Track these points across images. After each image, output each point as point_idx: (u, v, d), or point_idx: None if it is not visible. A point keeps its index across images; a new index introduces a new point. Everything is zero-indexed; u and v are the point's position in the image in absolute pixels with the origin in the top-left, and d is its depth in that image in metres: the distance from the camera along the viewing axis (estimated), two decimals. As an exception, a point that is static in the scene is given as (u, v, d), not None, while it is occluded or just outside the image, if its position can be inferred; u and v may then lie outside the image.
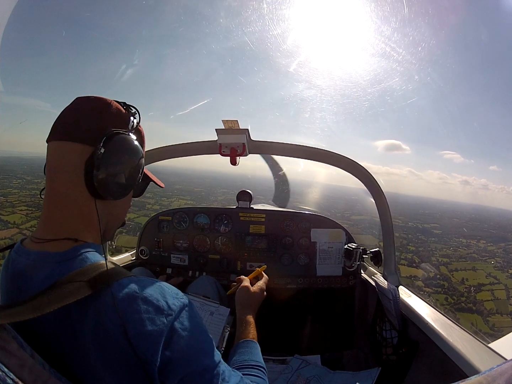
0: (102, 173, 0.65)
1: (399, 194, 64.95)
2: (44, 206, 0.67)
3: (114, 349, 0.56)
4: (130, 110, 0.74)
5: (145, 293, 0.59)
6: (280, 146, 1.62)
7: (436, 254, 23.10)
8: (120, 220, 0.80)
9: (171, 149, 1.71)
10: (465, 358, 0.96)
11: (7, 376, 0.41)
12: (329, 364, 1.51)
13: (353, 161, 1.60)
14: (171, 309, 0.60)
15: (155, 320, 0.57)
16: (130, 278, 0.61)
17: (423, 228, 28.81)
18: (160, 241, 1.93)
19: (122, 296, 0.57)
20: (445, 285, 18.50)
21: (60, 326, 0.58)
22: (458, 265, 22.03)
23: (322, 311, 1.97)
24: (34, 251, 0.64)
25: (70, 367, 0.57)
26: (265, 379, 0.81)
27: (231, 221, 1.93)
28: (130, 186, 0.73)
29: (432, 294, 16.95)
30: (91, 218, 0.68)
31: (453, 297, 17.56)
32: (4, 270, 0.69)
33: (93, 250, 0.66)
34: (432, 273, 19.17)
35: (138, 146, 0.72)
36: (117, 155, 0.67)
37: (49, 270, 0.60)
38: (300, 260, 1.90)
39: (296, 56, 57.25)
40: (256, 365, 0.83)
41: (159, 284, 0.64)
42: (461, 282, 19.72)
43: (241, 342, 0.92)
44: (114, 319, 0.55)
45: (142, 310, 0.57)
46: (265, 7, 18.44)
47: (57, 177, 0.66)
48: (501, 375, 0.39)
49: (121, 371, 0.57)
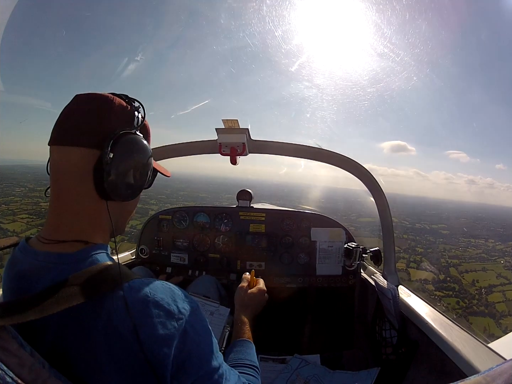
0: (112, 177, 0.63)
1: (405, 195, 64.40)
2: (50, 208, 0.66)
3: (125, 352, 0.55)
4: (133, 104, 0.71)
5: (156, 297, 0.59)
6: (280, 145, 1.62)
7: (445, 255, 22.86)
8: (130, 216, 0.80)
9: (171, 148, 1.72)
10: (465, 358, 0.96)
11: (6, 375, 0.41)
12: (329, 364, 1.51)
13: (353, 161, 1.60)
14: (181, 313, 0.60)
15: (167, 324, 0.57)
16: (140, 280, 0.61)
17: (431, 229, 28.55)
18: (160, 240, 1.93)
19: (133, 299, 0.57)
20: (456, 287, 18.28)
21: (69, 327, 0.57)
22: (468, 266, 21.77)
23: (322, 311, 1.96)
24: (42, 252, 0.62)
25: (74, 368, 0.56)
26: (258, 378, 0.83)
27: (231, 220, 1.93)
28: (141, 186, 0.72)
29: (444, 298, 16.75)
30: (101, 220, 0.67)
31: (464, 301, 17.32)
32: (8, 268, 0.67)
33: (103, 252, 0.66)
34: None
35: (146, 145, 0.70)
36: (126, 158, 0.65)
37: (58, 272, 0.59)
38: (300, 259, 1.90)
39: (297, 56, 57.08)
40: (251, 365, 0.84)
41: (169, 286, 0.64)
42: (471, 284, 19.47)
43: (237, 341, 0.93)
44: (126, 322, 0.55)
45: (154, 314, 0.57)
46: (265, 7, 18.44)
47: (63, 181, 0.65)
48: (501, 375, 0.39)
49: (131, 374, 0.56)
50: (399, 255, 20.19)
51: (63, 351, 0.57)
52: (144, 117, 0.73)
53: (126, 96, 0.71)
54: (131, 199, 0.71)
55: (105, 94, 0.68)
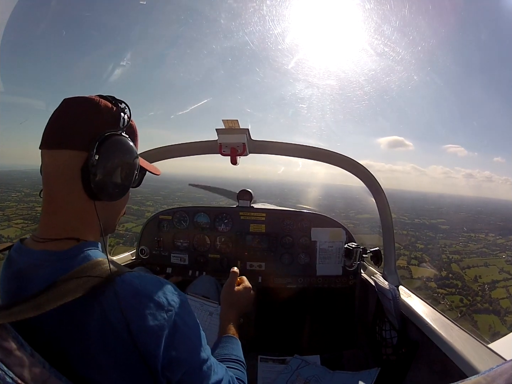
0: (98, 178, 0.65)
1: (403, 191, 64.05)
2: (43, 209, 0.68)
3: (120, 346, 0.57)
4: (119, 105, 0.72)
5: (146, 289, 0.61)
6: (280, 145, 1.62)
7: (446, 251, 22.50)
8: (119, 215, 0.82)
9: (171, 149, 1.72)
10: (465, 358, 0.96)
11: (6, 375, 0.42)
12: (329, 364, 1.51)
13: (352, 160, 1.60)
14: (170, 305, 0.62)
15: (156, 315, 0.59)
16: (131, 274, 0.63)
17: (430, 224, 28.21)
18: (160, 240, 1.93)
19: (125, 292, 0.59)
20: (458, 284, 17.92)
21: (64, 323, 0.58)
22: (470, 261, 21.42)
23: (322, 311, 1.96)
24: (37, 250, 0.64)
25: (72, 365, 0.57)
26: (244, 372, 0.85)
27: (231, 220, 1.93)
28: (128, 185, 0.73)
29: (447, 295, 16.44)
30: (91, 219, 0.69)
31: (468, 298, 17.00)
32: (4, 269, 0.69)
33: (95, 248, 0.68)
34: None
35: (131, 145, 0.72)
36: (111, 159, 0.67)
37: (51, 269, 0.61)
38: (300, 260, 1.89)
39: (296, 55, 56.93)
40: (237, 359, 0.87)
41: (158, 279, 0.66)
42: (474, 280, 19.13)
43: (222, 337, 0.95)
44: (118, 315, 0.56)
45: (144, 306, 0.59)
46: (264, 7, 18.44)
47: (53, 183, 0.67)
48: (501, 375, 0.39)
49: (127, 368, 0.58)
50: (399, 252, 19.82)
51: (60, 349, 0.58)
52: (130, 118, 0.74)
53: (113, 98, 0.72)
54: (119, 198, 0.73)
55: (91, 97, 0.69)
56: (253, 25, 59.99)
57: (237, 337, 0.96)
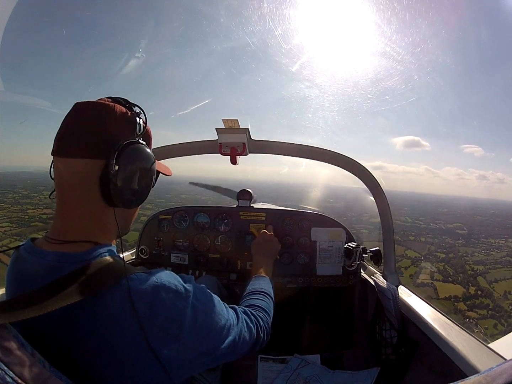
0: (119, 187, 0.65)
1: (415, 193, 62.97)
2: (57, 212, 0.68)
3: (132, 343, 0.58)
4: (133, 110, 0.72)
5: (164, 281, 0.64)
6: (280, 145, 1.61)
7: (469, 261, 20.90)
8: (134, 218, 0.83)
9: (171, 148, 1.72)
10: (465, 358, 0.96)
11: (6, 375, 0.41)
12: (329, 364, 1.51)
13: (353, 160, 1.61)
14: (187, 290, 0.67)
15: (177, 303, 0.64)
16: (143, 273, 0.65)
17: (446, 229, 27.22)
18: (160, 240, 1.93)
19: (142, 289, 0.60)
20: (489, 304, 16.25)
21: (72, 323, 0.58)
22: (496, 274, 19.61)
23: (322, 311, 1.96)
24: (51, 252, 0.64)
25: (78, 364, 0.57)
26: (266, 301, 0.95)
27: (232, 220, 1.93)
28: (147, 191, 0.74)
29: (479, 320, 14.58)
30: (108, 224, 0.70)
31: (502, 322, 14.94)
32: (13, 268, 0.68)
33: (111, 250, 0.69)
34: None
35: (148, 152, 0.71)
36: (131, 169, 0.67)
37: (67, 270, 0.60)
38: (300, 259, 1.90)
39: (297, 55, 56.91)
40: (261, 291, 0.98)
41: (169, 271, 0.70)
42: (504, 297, 17.37)
43: (253, 277, 1.13)
44: (131, 312, 0.58)
45: (165, 297, 0.62)
46: (265, 6, 18.43)
47: (69, 189, 0.66)
48: (501, 375, 0.39)
49: (138, 365, 0.59)
50: (419, 264, 18.59)
51: (65, 349, 0.58)
52: (146, 123, 0.74)
53: (126, 101, 0.71)
54: (138, 204, 0.75)
55: (105, 102, 0.67)
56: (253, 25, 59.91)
57: (266, 276, 1.14)
